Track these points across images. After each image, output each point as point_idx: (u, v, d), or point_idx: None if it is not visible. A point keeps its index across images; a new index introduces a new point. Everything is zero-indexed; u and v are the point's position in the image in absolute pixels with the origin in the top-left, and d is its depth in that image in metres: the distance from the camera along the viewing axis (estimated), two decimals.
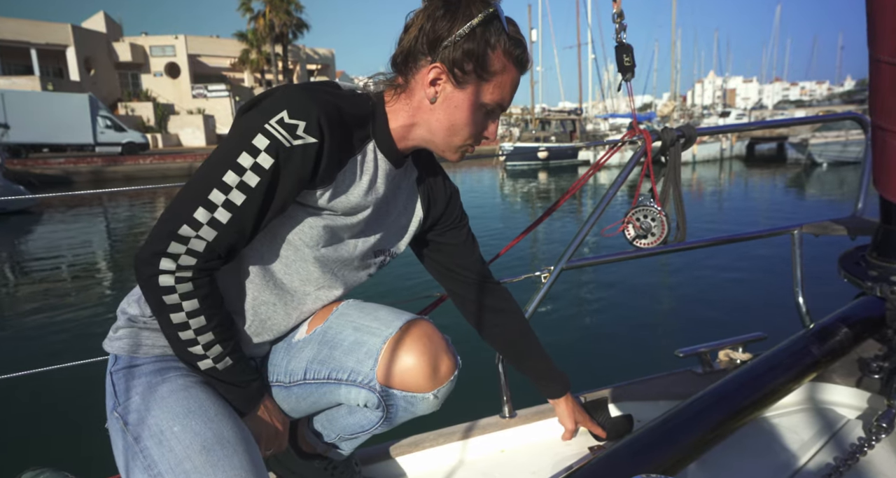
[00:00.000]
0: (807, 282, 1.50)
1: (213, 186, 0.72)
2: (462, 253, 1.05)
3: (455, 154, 0.89)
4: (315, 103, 0.74)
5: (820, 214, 1.63)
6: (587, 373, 3.62)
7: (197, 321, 0.76)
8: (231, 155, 0.73)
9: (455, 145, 0.87)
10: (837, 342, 1.20)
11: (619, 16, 1.39)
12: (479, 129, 0.87)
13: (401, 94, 0.85)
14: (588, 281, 5.86)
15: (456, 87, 0.81)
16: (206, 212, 0.72)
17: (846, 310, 1.29)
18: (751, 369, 1.11)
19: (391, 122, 0.86)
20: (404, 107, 0.85)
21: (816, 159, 18.42)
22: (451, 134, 0.85)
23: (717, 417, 0.99)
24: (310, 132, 0.74)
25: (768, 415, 1.27)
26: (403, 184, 0.95)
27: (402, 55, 0.83)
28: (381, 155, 0.86)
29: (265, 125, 0.73)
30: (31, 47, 26.36)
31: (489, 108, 0.85)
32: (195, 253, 0.73)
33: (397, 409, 0.90)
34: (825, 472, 1.04)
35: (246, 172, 0.72)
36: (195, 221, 0.72)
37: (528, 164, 23.37)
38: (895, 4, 1.07)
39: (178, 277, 0.73)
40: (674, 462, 0.90)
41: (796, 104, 66.33)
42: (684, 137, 1.45)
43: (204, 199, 0.72)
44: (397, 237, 0.98)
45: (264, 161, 0.73)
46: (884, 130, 1.19)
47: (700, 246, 1.56)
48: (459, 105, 0.83)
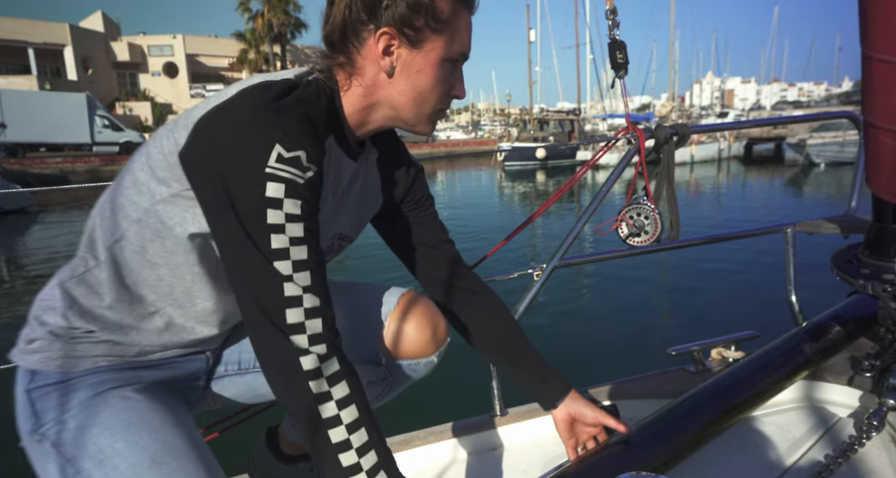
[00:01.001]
0: (800, 280, 1.50)
1: (271, 260, 0.62)
2: (427, 233, 0.97)
3: (428, 125, 0.79)
4: (296, 123, 0.66)
5: (816, 214, 1.63)
6: (579, 371, 3.62)
7: (349, 413, 0.64)
8: (256, 221, 0.62)
9: (426, 114, 0.78)
10: (829, 341, 1.20)
11: (612, 12, 1.39)
12: (448, 87, 0.77)
13: (350, 75, 0.75)
14: (581, 279, 5.86)
15: (412, 48, 0.72)
16: (293, 285, 0.63)
17: (838, 309, 1.29)
18: (742, 367, 1.11)
19: (346, 109, 0.76)
20: (356, 89, 0.75)
21: (814, 160, 18.46)
22: (419, 103, 0.76)
23: (709, 415, 0.99)
24: (311, 159, 0.66)
25: (760, 413, 1.27)
26: (362, 167, 0.87)
27: (338, 31, 0.72)
28: (340, 150, 0.78)
29: (267, 170, 0.62)
30: (29, 47, 26.31)
31: (453, 61, 0.76)
32: (320, 336, 0.64)
33: (398, 379, 0.94)
34: (817, 469, 1.04)
35: (285, 226, 0.63)
36: (293, 299, 0.63)
37: (526, 164, 23.39)
38: (888, 1, 1.07)
39: (328, 377, 0.63)
40: (665, 460, 0.90)
41: (794, 105, 66.46)
42: (678, 135, 1.44)
43: (277, 275, 0.62)
44: (356, 223, 0.92)
45: (294, 208, 0.63)
46: (876, 128, 1.18)
47: (693, 244, 1.56)
48: (422, 68, 0.73)
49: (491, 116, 65.77)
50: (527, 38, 32.81)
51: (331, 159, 0.76)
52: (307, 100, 0.70)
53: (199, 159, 0.64)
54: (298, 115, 0.67)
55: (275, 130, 0.63)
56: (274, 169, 0.62)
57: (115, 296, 0.72)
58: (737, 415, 1.05)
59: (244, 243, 0.63)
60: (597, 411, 0.91)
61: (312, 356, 0.62)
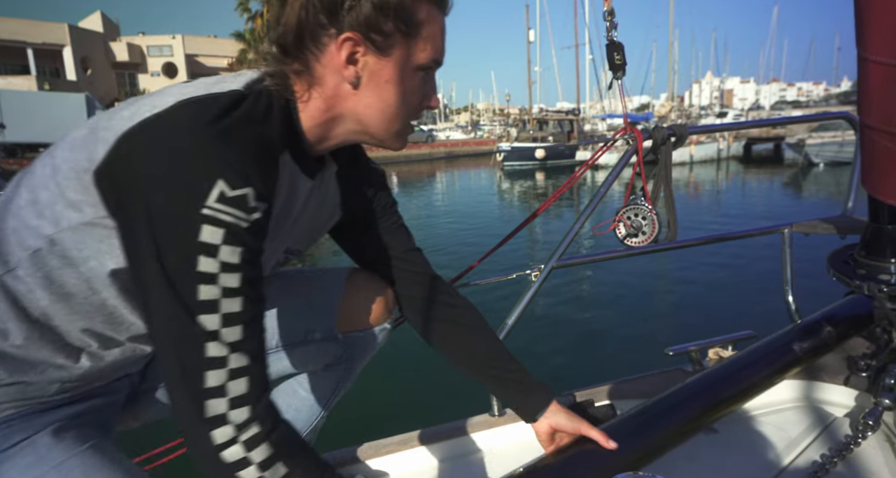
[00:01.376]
0: (797, 281, 1.50)
1: (195, 314, 0.54)
2: (394, 242, 0.91)
3: (398, 140, 0.71)
4: (245, 150, 0.56)
5: (814, 214, 1.63)
6: (577, 372, 3.63)
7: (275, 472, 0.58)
8: (183, 269, 0.54)
9: (396, 130, 0.70)
10: (822, 339, 1.20)
11: (609, 13, 1.39)
12: (420, 99, 0.69)
13: (309, 85, 0.65)
14: (579, 280, 5.87)
15: (380, 56, 0.63)
16: (217, 343, 0.55)
17: (833, 307, 1.29)
18: (734, 361, 1.11)
19: (304, 123, 0.67)
20: (316, 102, 0.66)
21: (813, 160, 18.48)
22: (389, 117, 0.67)
23: (697, 407, 0.99)
24: (260, 197, 0.57)
25: (757, 412, 1.27)
26: (320, 183, 0.79)
27: (292, 35, 0.63)
28: (296, 167, 0.69)
29: (203, 211, 0.53)
30: (28, 47, 26.31)
31: (426, 69, 0.68)
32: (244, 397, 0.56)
33: (357, 352, 0.95)
34: (813, 469, 1.05)
35: (218, 276, 0.55)
36: (215, 360, 0.55)
37: (526, 164, 23.40)
38: (883, 2, 1.08)
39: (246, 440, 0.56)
40: (649, 452, 0.90)
41: (793, 105, 66.59)
42: (675, 136, 1.45)
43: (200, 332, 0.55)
44: (309, 238, 0.86)
45: (231, 256, 0.55)
46: (872, 129, 1.19)
47: (690, 245, 1.56)
48: (391, 78, 0.64)
49: (490, 116, 65.80)
50: (526, 38, 32.84)
51: (283, 179, 0.68)
52: (258, 117, 0.61)
53: (121, 185, 0.54)
54: (247, 139, 0.57)
55: (218, 161, 0.54)
56: (213, 210, 0.53)
57: (22, 333, 0.61)
58: (725, 408, 1.04)
59: (166, 293, 0.54)
60: (576, 422, 0.87)
61: (229, 427, 0.55)
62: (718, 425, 1.23)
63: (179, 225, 0.54)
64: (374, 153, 12.51)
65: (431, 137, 35.99)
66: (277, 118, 0.63)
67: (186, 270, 0.54)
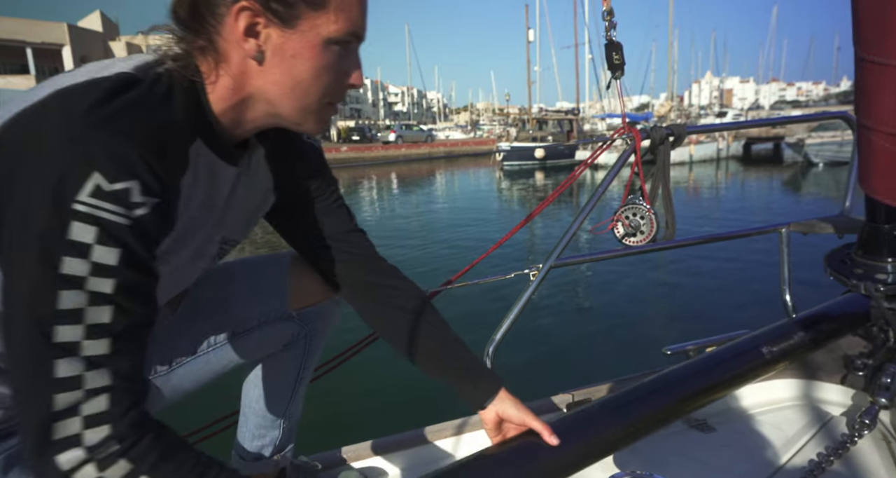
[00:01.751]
0: (794, 280, 1.51)
1: (50, 324, 0.48)
2: (334, 223, 0.86)
3: (316, 123, 0.66)
4: (129, 140, 0.51)
5: (814, 213, 1.64)
6: (575, 371, 3.64)
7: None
8: (41, 271, 0.48)
9: (311, 110, 0.64)
10: (816, 335, 1.20)
11: (608, 13, 1.40)
12: (338, 76, 0.63)
13: (216, 62, 0.60)
14: (577, 279, 5.88)
15: (284, 28, 0.58)
16: (72, 360, 0.49)
17: (829, 304, 1.29)
18: (723, 351, 1.10)
19: (215, 106, 0.61)
20: (224, 81, 0.60)
21: (813, 159, 18.49)
22: (300, 96, 0.62)
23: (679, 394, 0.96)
24: (149, 191, 0.52)
25: (754, 411, 1.28)
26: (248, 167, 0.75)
27: (186, 5, 0.57)
28: (213, 155, 0.64)
29: (74, 206, 0.47)
30: (27, 46, 26.27)
31: (341, 44, 0.61)
32: (102, 415, 0.50)
33: (314, 328, 0.96)
34: (810, 467, 1.05)
35: (86, 280, 0.49)
36: (66, 380, 0.49)
37: (525, 163, 23.40)
38: (881, 3, 1.08)
39: (101, 459, 0.50)
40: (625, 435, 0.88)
41: (793, 104, 66.63)
42: (673, 136, 1.45)
43: (51, 346, 0.48)
44: (245, 225, 0.82)
45: (107, 257, 0.49)
46: (869, 130, 1.19)
47: (688, 244, 1.57)
48: (298, 52, 0.59)
49: (490, 116, 65.82)
50: (525, 37, 32.82)
51: (199, 170, 0.63)
52: (155, 101, 0.55)
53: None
54: (138, 127, 0.52)
55: (94, 152, 0.48)
56: (86, 206, 0.48)
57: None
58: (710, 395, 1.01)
59: (17, 298, 0.49)
60: (523, 413, 0.82)
61: (79, 450, 0.49)
62: (715, 424, 1.23)
63: (43, 221, 0.48)
64: (373, 153, 12.69)
65: (431, 136, 35.99)
66: (181, 102, 0.58)
67: (45, 274, 0.48)
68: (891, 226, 1.28)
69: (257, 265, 0.95)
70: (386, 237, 8.91)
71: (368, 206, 13.81)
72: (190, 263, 0.74)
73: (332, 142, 33.87)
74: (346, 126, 38.14)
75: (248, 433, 1.04)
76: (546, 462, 0.78)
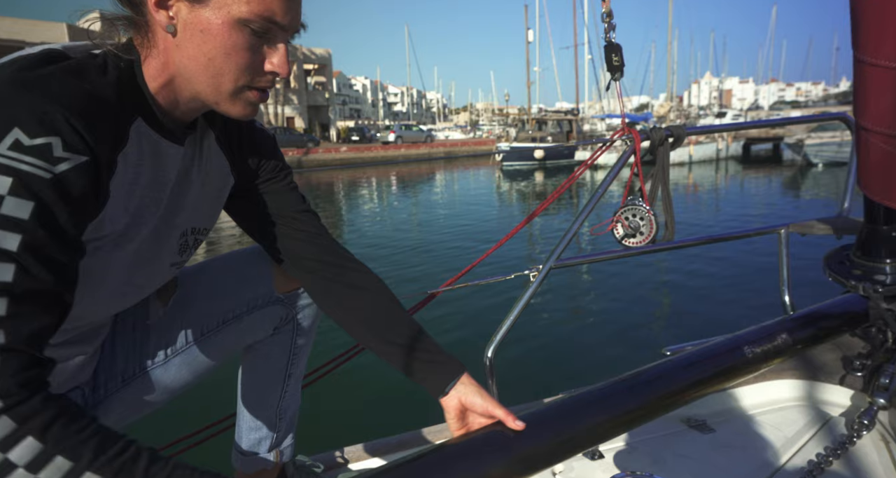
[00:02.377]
0: (793, 281, 1.51)
1: None
2: (285, 203, 0.86)
3: (235, 105, 0.65)
4: (53, 101, 0.51)
5: (813, 214, 1.65)
6: (575, 372, 3.64)
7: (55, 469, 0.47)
8: None
9: (227, 90, 0.63)
10: (814, 332, 1.20)
11: (608, 15, 1.40)
12: (252, 59, 0.62)
13: (144, 37, 0.61)
14: (577, 280, 5.88)
15: (192, 3, 0.58)
16: None
17: (827, 304, 1.30)
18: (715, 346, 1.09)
19: (150, 84, 0.63)
20: (154, 55, 0.61)
21: (812, 160, 18.50)
22: (213, 74, 0.61)
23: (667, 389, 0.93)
24: (72, 148, 0.51)
25: (753, 411, 1.28)
26: (199, 151, 0.75)
27: None
28: (156, 134, 0.65)
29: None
30: (26, 46, 26.20)
31: (255, 27, 0.61)
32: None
33: (303, 310, 0.98)
34: (809, 468, 1.05)
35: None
36: None
37: (525, 164, 23.42)
38: (879, 5, 1.08)
39: None
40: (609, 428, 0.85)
41: (792, 105, 66.67)
42: (673, 137, 1.46)
43: None
44: (209, 213, 0.82)
45: (18, 210, 0.48)
46: (867, 131, 1.20)
47: (687, 245, 1.57)
48: (206, 28, 0.59)
49: (489, 116, 65.84)
50: (525, 38, 32.84)
51: (143, 148, 0.64)
52: (83, 72, 0.55)
53: None
54: (61, 89, 0.52)
55: (16, 110, 0.49)
56: (3, 158, 0.48)
57: None
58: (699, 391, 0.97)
59: None
60: (487, 401, 0.77)
61: None
62: (714, 424, 1.24)
63: None
64: (372, 154, 12.65)
65: (430, 137, 36.00)
66: (116, 79, 0.59)
67: None
68: (889, 227, 1.29)
69: (243, 255, 0.97)
70: (385, 238, 8.91)
71: (368, 206, 13.81)
72: (154, 247, 0.73)
73: (332, 142, 33.88)
74: (345, 126, 38.16)
75: (244, 427, 1.05)
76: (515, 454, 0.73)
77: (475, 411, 0.79)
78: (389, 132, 33.49)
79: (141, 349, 0.88)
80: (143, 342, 0.88)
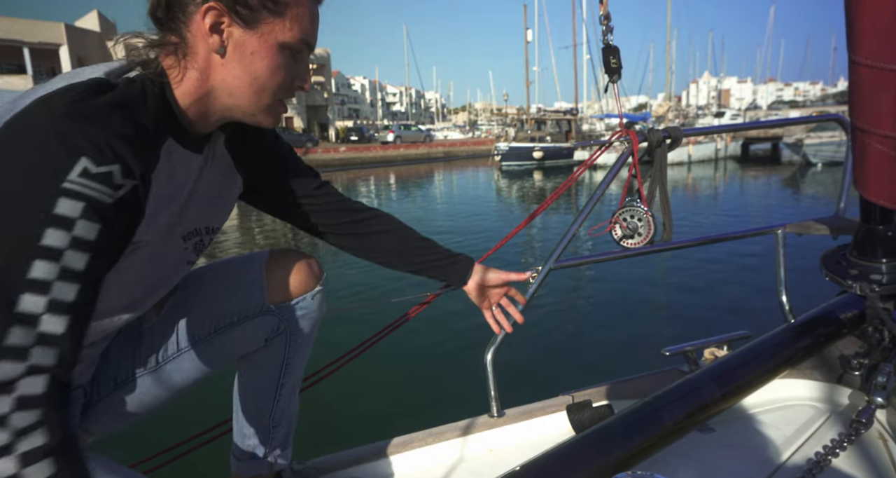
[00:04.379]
0: (791, 281, 1.52)
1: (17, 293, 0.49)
2: (301, 185, 0.96)
3: (269, 116, 0.74)
4: (111, 132, 0.56)
5: (812, 214, 1.65)
6: (575, 372, 3.65)
7: None
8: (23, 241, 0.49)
9: (265, 104, 0.72)
10: (814, 338, 1.22)
11: (605, 18, 1.41)
12: (289, 76, 0.72)
13: (182, 57, 0.67)
14: (576, 281, 5.89)
15: (245, 28, 0.67)
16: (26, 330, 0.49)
17: (826, 307, 1.31)
18: (727, 360, 1.13)
19: (182, 101, 0.69)
20: (191, 74, 0.68)
21: (811, 159, 18.53)
22: (256, 90, 0.70)
23: (691, 406, 1.00)
24: (127, 174, 0.56)
25: (752, 411, 1.29)
26: (213, 153, 0.81)
27: (162, 5, 0.66)
28: (182, 149, 0.72)
29: (64, 185, 0.51)
30: (24, 46, 26.23)
31: (293, 49, 0.70)
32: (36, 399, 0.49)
33: (294, 322, 0.98)
34: (807, 466, 1.06)
35: (64, 254, 0.51)
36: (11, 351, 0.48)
37: (524, 164, 23.43)
38: (873, 7, 1.09)
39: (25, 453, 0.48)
40: (642, 450, 0.92)
41: (790, 105, 66.81)
42: (670, 138, 1.46)
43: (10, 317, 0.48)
44: (220, 212, 0.88)
45: (87, 232, 0.52)
46: (863, 132, 1.21)
47: (686, 246, 1.58)
48: (257, 50, 0.67)
49: (488, 116, 65.84)
50: (524, 37, 32.85)
51: (172, 163, 0.70)
52: (128, 102, 0.61)
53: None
54: (115, 122, 0.57)
55: (81, 140, 0.53)
56: (75, 185, 0.52)
57: None
58: (717, 408, 1.06)
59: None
60: (498, 273, 1.06)
61: (4, 432, 0.47)
62: (714, 424, 1.24)
63: (33, 199, 0.51)
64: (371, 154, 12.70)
65: (429, 136, 35.99)
66: (154, 105, 0.65)
67: (24, 243, 0.50)
68: (885, 227, 1.30)
69: (235, 263, 0.98)
70: None
71: None
72: (171, 249, 0.79)
73: (331, 142, 33.83)
74: (344, 126, 38.12)
75: (239, 433, 1.05)
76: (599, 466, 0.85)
77: (491, 285, 1.08)
78: (388, 132, 33.47)
79: (134, 354, 0.89)
80: (136, 348, 0.90)
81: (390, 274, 6.26)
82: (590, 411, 1.21)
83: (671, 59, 37.71)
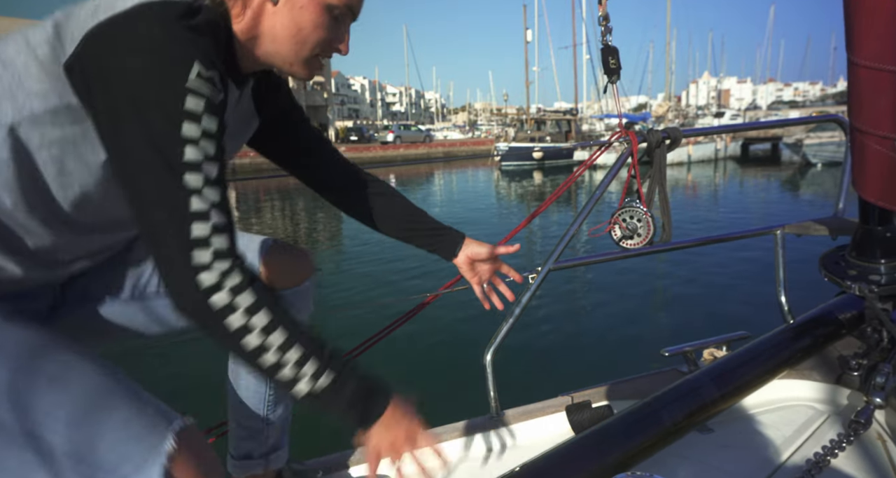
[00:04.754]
0: (790, 281, 1.52)
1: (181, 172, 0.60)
2: (304, 137, 1.01)
3: (305, 69, 0.78)
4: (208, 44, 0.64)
5: (812, 215, 1.65)
6: (574, 372, 3.65)
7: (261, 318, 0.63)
8: (169, 132, 0.60)
9: (304, 56, 0.77)
10: (813, 338, 1.22)
11: (604, 18, 1.41)
12: (330, 36, 0.76)
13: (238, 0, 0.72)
14: (575, 281, 5.89)
15: None
16: (201, 199, 0.61)
17: (825, 307, 1.31)
18: (727, 361, 1.13)
19: (238, 36, 0.74)
20: (247, 16, 0.73)
21: (811, 159, 18.53)
22: (298, 42, 0.75)
23: (690, 407, 1.01)
24: (221, 82, 0.65)
25: (751, 411, 1.29)
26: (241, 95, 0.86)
27: None
28: (231, 83, 0.77)
29: (187, 86, 0.60)
30: None
31: (337, 12, 0.75)
32: (225, 252, 0.62)
33: None
34: (806, 467, 1.06)
35: (200, 141, 0.61)
36: (200, 214, 0.61)
37: (523, 164, 23.43)
38: (872, 9, 1.10)
39: (232, 287, 0.61)
40: (642, 450, 0.92)
41: (790, 105, 66.80)
42: (669, 139, 1.47)
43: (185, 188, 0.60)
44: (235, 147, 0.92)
45: (211, 124, 0.63)
46: (862, 133, 1.21)
47: (685, 246, 1.58)
48: (305, 5, 0.73)
49: (488, 116, 65.87)
50: (524, 37, 32.88)
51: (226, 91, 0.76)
52: (213, 24, 0.67)
53: (101, 70, 0.59)
54: (209, 38, 0.64)
55: (193, 47, 0.61)
56: (194, 85, 0.60)
57: None
58: (717, 408, 1.06)
59: (151, 156, 0.59)
60: (488, 247, 1.07)
61: (214, 272, 0.61)
62: (713, 424, 1.25)
63: (166, 96, 0.59)
64: (371, 154, 12.65)
65: (429, 136, 36.00)
66: (223, 30, 0.71)
67: (172, 134, 0.60)
68: (884, 228, 1.30)
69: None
70: (384, 240, 8.89)
71: None
72: None
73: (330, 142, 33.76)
74: (343, 126, 38.13)
75: (233, 433, 1.05)
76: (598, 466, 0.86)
77: (481, 259, 1.09)
78: (388, 132, 33.49)
79: (111, 278, 0.88)
80: (120, 274, 0.89)
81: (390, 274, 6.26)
82: (589, 411, 1.21)
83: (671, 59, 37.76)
